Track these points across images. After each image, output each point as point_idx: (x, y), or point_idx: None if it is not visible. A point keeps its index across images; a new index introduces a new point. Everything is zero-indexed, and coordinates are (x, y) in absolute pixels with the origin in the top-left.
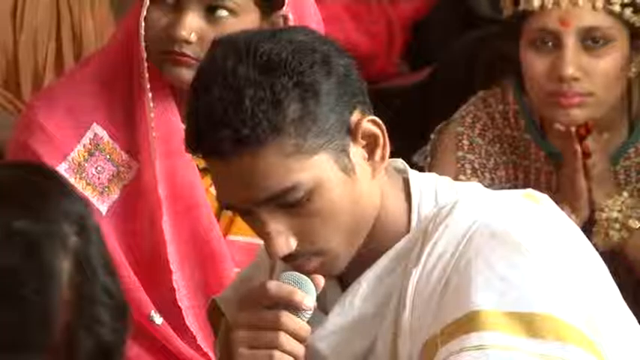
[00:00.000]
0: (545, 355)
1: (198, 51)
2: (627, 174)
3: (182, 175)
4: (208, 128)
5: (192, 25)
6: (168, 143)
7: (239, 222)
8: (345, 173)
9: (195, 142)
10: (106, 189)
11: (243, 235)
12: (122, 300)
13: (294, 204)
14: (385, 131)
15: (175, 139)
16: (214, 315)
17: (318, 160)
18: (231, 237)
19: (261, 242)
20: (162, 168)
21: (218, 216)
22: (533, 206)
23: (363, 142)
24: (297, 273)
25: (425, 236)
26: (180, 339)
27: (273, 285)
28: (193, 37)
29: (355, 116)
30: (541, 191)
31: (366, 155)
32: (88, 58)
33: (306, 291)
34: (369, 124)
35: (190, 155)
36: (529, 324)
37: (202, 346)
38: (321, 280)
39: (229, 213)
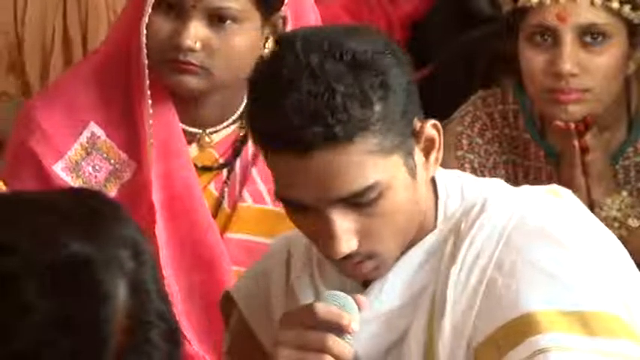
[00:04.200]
0: (603, 351)
1: (202, 58)
2: (626, 173)
3: (180, 178)
4: (298, 123)
5: (197, 33)
6: (167, 146)
7: (237, 219)
8: (410, 176)
9: (278, 137)
10: (103, 188)
11: (242, 233)
12: (175, 324)
13: (365, 204)
14: (442, 135)
15: (173, 141)
16: (227, 306)
17: (393, 161)
18: (229, 234)
19: (259, 240)
20: (160, 171)
21: (215, 214)
22: (558, 201)
23: (422, 146)
24: (340, 293)
25: (458, 235)
26: None
27: (321, 307)
28: (198, 46)
29: (417, 119)
30: None
31: (423, 159)
32: (86, 58)
33: (349, 311)
34: (431, 127)
35: (188, 157)
36: (584, 321)
37: (197, 350)
38: (363, 300)
39: (227, 211)
